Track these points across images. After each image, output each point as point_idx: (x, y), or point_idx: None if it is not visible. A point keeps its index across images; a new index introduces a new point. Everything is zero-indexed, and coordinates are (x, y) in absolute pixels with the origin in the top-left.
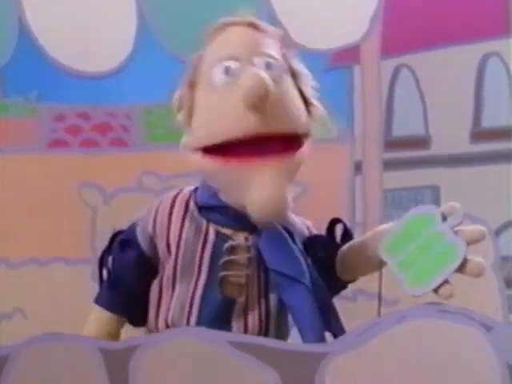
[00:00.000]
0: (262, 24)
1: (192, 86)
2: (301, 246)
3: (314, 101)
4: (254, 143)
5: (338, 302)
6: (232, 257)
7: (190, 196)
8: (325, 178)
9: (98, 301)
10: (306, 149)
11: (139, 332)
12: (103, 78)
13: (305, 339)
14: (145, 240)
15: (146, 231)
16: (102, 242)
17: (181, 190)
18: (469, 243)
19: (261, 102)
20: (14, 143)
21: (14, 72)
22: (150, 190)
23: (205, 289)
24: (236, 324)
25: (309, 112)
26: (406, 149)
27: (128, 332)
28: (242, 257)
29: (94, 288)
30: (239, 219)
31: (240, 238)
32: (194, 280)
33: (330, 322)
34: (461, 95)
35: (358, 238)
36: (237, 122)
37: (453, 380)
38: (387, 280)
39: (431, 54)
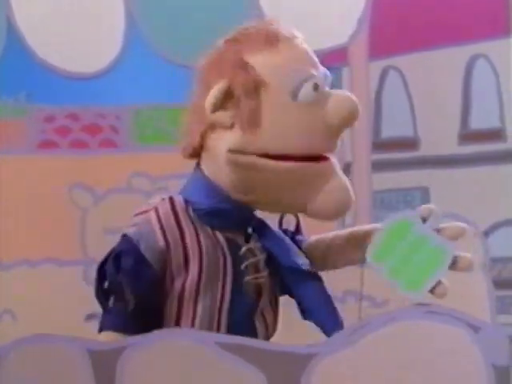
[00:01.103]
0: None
1: (250, 90)
2: None
3: None
4: None
5: None
6: (252, 260)
7: (186, 203)
8: None
9: (114, 326)
10: None
11: None
12: (92, 78)
13: (328, 332)
14: (154, 258)
15: (154, 248)
16: (93, 243)
17: (172, 198)
18: (452, 240)
19: (350, 126)
20: (3, 144)
21: (3, 73)
22: (140, 191)
23: (232, 296)
24: (259, 325)
25: None
26: (395, 150)
27: None
28: (257, 259)
29: (84, 289)
30: (241, 221)
31: (241, 240)
32: (220, 289)
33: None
34: (449, 97)
35: (326, 234)
36: (321, 140)
37: (440, 381)
38: (376, 281)
39: (419, 56)
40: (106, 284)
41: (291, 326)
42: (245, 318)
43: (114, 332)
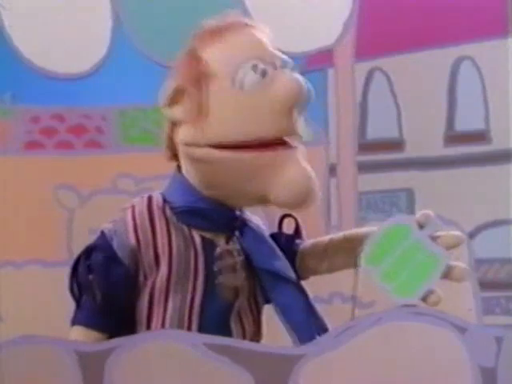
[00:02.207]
0: (258, 24)
1: (197, 82)
2: None
3: None
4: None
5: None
6: (226, 261)
7: (163, 202)
8: None
9: (83, 321)
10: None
11: None
12: (78, 79)
13: (299, 339)
14: (125, 254)
15: (125, 245)
16: (78, 244)
17: (150, 197)
18: (448, 249)
19: (300, 105)
20: None
21: None
22: (126, 192)
23: (203, 296)
24: (235, 327)
25: None
26: (380, 151)
27: None
28: (233, 261)
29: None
30: (220, 222)
31: (221, 241)
32: (190, 289)
33: (319, 319)
34: (434, 98)
35: (324, 237)
36: (272, 124)
37: (427, 381)
38: (363, 282)
39: (405, 58)
40: (78, 279)
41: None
42: (217, 319)
43: (83, 327)
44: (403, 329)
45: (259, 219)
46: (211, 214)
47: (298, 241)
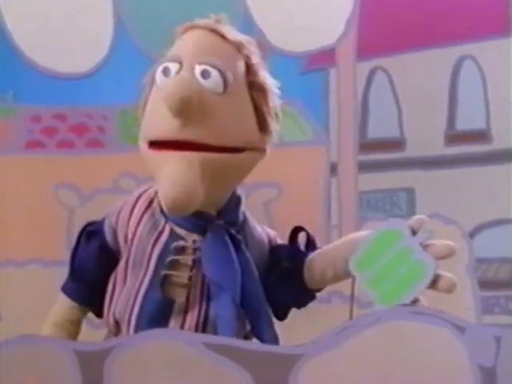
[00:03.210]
0: (228, 31)
1: (148, 84)
2: (250, 255)
3: (269, 118)
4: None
5: (312, 304)
6: (177, 257)
7: (155, 194)
8: (300, 179)
9: (63, 288)
10: (244, 156)
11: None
12: (79, 78)
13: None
14: (109, 232)
15: (110, 222)
16: None
17: (149, 188)
18: (438, 259)
19: (182, 107)
20: None
21: None
22: (127, 192)
23: (149, 286)
24: (174, 324)
25: (263, 128)
26: (381, 151)
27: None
28: (186, 258)
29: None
30: (193, 220)
31: (190, 240)
32: (141, 276)
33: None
34: (435, 98)
35: (327, 244)
36: (159, 125)
37: (426, 381)
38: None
39: (406, 57)
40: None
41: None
42: (157, 308)
43: (63, 294)
44: (402, 328)
45: (269, 230)
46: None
47: (308, 253)
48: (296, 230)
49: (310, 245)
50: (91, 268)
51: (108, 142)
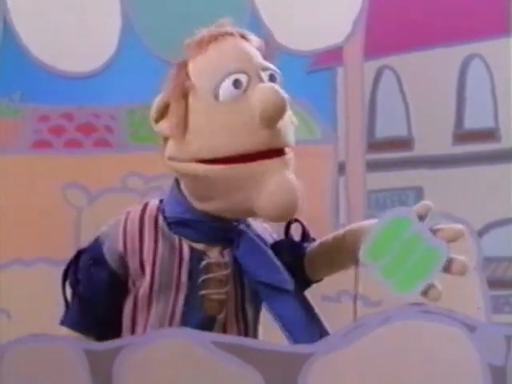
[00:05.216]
0: (249, 34)
1: (180, 97)
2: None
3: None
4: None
5: (321, 303)
6: (212, 275)
7: (157, 211)
8: (308, 179)
9: (68, 322)
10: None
11: None
12: (87, 78)
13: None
14: (113, 259)
15: (114, 250)
16: (87, 243)
17: (146, 205)
18: (448, 242)
19: (279, 117)
20: None
21: None
22: (134, 191)
23: (184, 307)
24: None
25: None
26: (389, 150)
27: None
28: (221, 274)
29: None
30: (213, 233)
31: (214, 253)
32: (172, 299)
33: (320, 327)
34: (443, 97)
35: (328, 236)
36: (250, 137)
37: (436, 380)
38: (371, 280)
39: (414, 56)
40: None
41: None
42: (199, 328)
43: (68, 329)
44: (412, 327)
45: (267, 227)
46: (201, 226)
47: (305, 244)
48: (289, 222)
49: (305, 236)
50: (102, 300)
51: (115, 141)
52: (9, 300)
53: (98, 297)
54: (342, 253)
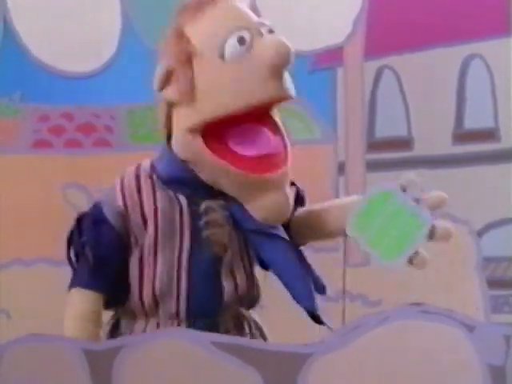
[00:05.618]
0: None
1: (185, 61)
2: None
3: None
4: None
5: (321, 303)
6: (212, 216)
7: (151, 171)
8: (308, 178)
9: (79, 282)
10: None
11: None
12: (87, 78)
13: (296, 294)
14: (114, 217)
15: (114, 208)
16: None
17: (139, 165)
18: (432, 209)
19: (287, 63)
20: None
21: None
22: None
23: (191, 251)
24: (226, 282)
25: None
26: (389, 150)
27: None
28: (220, 215)
29: None
30: (203, 190)
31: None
32: (177, 246)
33: (311, 273)
34: (443, 97)
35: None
36: (260, 88)
37: (436, 380)
38: (371, 281)
39: (414, 56)
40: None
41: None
42: (207, 273)
43: (79, 289)
44: (411, 327)
45: None
46: (193, 183)
47: (299, 208)
48: None
49: (299, 199)
50: (114, 258)
51: (115, 141)
52: (9, 300)
53: (106, 252)
54: (328, 223)
